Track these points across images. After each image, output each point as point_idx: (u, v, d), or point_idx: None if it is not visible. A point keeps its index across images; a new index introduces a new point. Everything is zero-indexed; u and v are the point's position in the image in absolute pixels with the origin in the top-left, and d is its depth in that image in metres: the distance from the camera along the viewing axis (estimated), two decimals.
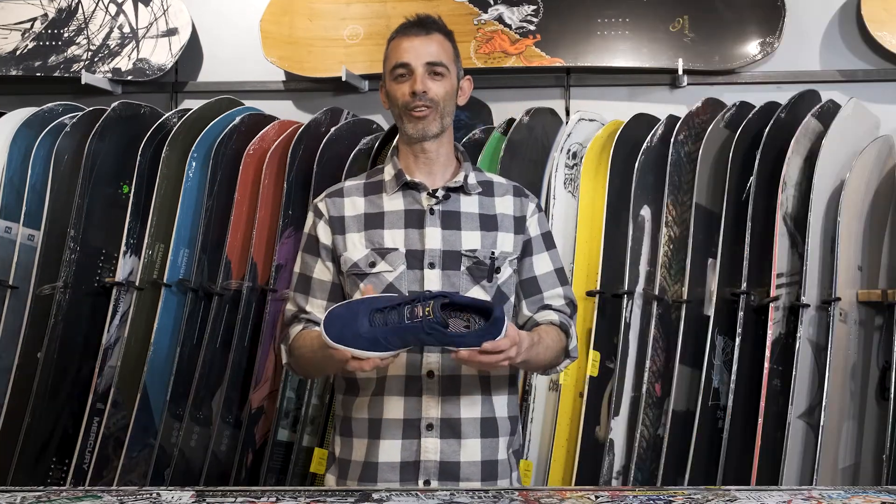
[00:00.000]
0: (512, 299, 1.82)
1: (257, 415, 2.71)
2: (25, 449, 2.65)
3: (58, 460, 2.72)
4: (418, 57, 1.75)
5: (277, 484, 2.64)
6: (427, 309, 1.53)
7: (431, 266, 1.73)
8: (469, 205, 1.80)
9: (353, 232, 1.78)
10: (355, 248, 1.76)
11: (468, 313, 1.60)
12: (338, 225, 1.79)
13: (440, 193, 1.78)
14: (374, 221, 1.78)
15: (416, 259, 1.74)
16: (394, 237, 1.76)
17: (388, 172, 1.82)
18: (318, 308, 1.78)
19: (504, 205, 1.83)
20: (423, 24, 1.79)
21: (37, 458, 2.68)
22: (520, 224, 1.83)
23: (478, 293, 1.74)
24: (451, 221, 1.77)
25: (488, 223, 1.79)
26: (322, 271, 1.80)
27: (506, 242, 1.79)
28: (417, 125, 1.76)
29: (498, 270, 1.77)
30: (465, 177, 1.81)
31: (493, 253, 1.77)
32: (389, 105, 1.81)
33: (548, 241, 1.87)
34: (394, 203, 1.79)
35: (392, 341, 1.55)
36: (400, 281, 1.73)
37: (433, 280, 1.72)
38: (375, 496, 1.54)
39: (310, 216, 1.84)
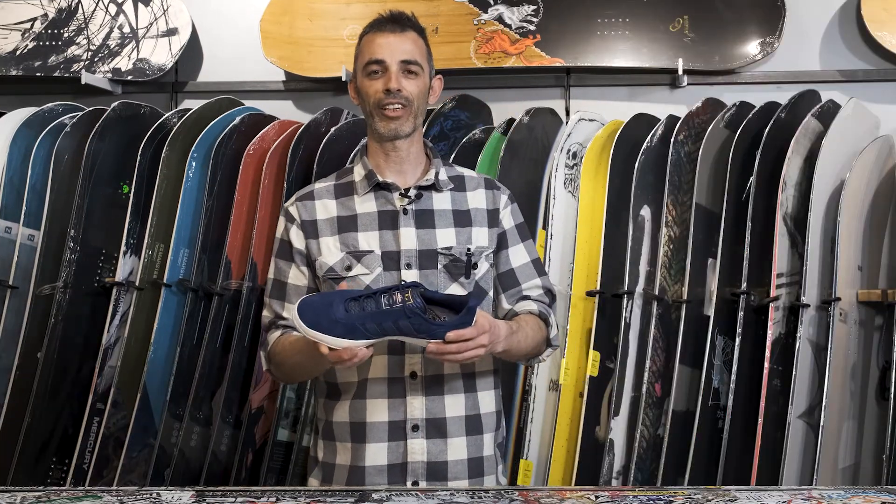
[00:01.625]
0: (491, 294, 1.81)
1: (257, 415, 2.71)
2: (25, 449, 2.64)
3: (58, 460, 2.72)
4: (393, 54, 1.73)
5: (277, 484, 2.64)
6: (406, 295, 1.52)
7: (408, 266, 1.72)
8: (442, 202, 1.79)
9: (326, 236, 1.76)
10: (330, 251, 1.75)
11: (439, 310, 1.59)
12: (310, 229, 1.78)
13: (412, 193, 1.76)
14: (347, 224, 1.76)
15: (392, 261, 1.73)
16: (368, 239, 1.74)
17: (359, 173, 1.80)
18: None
19: (476, 199, 1.82)
20: (397, 21, 1.76)
21: (37, 458, 2.68)
22: (493, 217, 1.82)
23: (456, 290, 1.73)
24: (425, 220, 1.76)
25: (462, 219, 1.78)
26: (297, 276, 1.78)
27: (480, 237, 1.78)
28: (390, 125, 1.74)
29: (475, 266, 1.76)
30: (436, 173, 1.79)
31: (468, 249, 1.75)
32: (360, 101, 1.79)
33: (522, 232, 1.86)
34: (366, 205, 1.77)
35: (370, 328, 1.53)
36: (377, 283, 1.72)
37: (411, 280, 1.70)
38: (375, 496, 1.54)
39: (281, 220, 1.82)
